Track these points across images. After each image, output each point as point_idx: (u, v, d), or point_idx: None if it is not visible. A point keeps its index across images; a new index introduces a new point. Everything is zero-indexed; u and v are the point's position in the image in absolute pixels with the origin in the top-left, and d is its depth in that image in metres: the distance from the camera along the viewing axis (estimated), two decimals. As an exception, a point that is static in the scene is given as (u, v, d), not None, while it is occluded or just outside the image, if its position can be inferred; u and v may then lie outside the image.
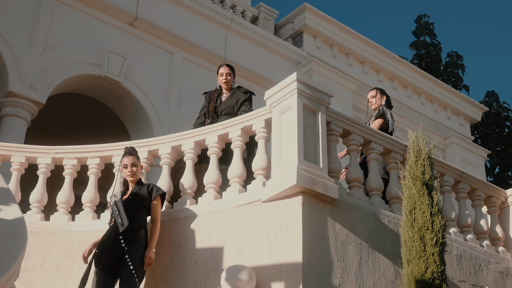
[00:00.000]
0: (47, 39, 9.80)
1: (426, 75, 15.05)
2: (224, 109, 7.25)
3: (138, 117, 10.60)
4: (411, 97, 14.80)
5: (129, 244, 5.66)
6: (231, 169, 6.22)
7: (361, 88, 13.39)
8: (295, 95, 5.83)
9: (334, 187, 5.65)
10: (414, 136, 5.71)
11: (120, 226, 5.74)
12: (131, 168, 6.02)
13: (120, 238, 5.68)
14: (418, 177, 5.45)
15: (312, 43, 13.33)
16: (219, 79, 7.46)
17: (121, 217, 5.79)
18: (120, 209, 5.83)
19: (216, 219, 5.99)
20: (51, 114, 11.19)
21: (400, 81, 14.59)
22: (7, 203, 4.73)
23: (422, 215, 5.27)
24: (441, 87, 15.31)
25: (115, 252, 5.64)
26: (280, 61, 12.61)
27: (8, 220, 4.53)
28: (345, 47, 13.62)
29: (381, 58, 14.16)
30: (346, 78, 13.04)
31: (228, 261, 5.72)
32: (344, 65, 13.64)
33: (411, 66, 14.79)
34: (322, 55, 13.28)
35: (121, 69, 10.30)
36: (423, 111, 14.92)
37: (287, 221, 5.51)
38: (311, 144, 5.78)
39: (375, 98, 8.08)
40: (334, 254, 5.51)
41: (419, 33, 22.82)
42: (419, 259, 5.12)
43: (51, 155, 6.97)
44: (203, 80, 11.31)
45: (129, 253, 5.62)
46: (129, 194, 5.98)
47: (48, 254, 6.52)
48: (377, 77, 14.25)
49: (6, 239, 4.25)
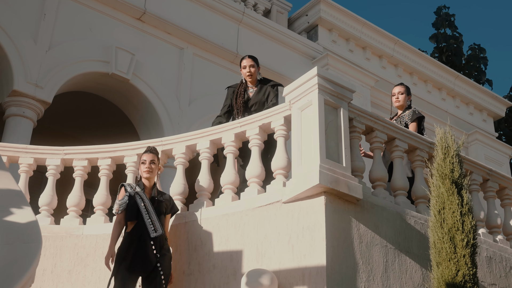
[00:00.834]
0: (53, 36, 9.84)
1: (447, 69, 14.99)
2: (253, 104, 7.11)
3: (147, 116, 10.61)
4: (431, 92, 14.75)
5: (160, 252, 5.73)
6: (249, 169, 6.21)
7: (379, 84, 13.37)
8: (315, 90, 5.82)
9: (358, 187, 5.63)
10: (441, 133, 5.68)
11: (152, 232, 5.75)
12: (150, 165, 6.03)
13: (152, 244, 5.71)
14: (446, 175, 5.42)
15: (328, 36, 13.31)
16: (242, 72, 7.27)
17: (152, 221, 5.79)
18: (150, 211, 5.83)
19: (235, 221, 5.98)
20: (58, 114, 11.23)
21: (420, 75, 14.54)
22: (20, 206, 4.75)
23: (452, 215, 5.24)
24: (463, 81, 15.24)
25: (152, 259, 5.68)
26: (294, 56, 12.60)
27: (22, 224, 4.54)
28: (362, 40, 13.59)
29: (399, 51, 14.12)
30: (363, 73, 13.02)
31: (248, 265, 5.71)
32: (361, 59, 13.61)
33: (431, 59, 14.74)
34: (338, 49, 13.26)
35: (129, 66, 10.33)
36: (444, 107, 14.86)
37: (310, 223, 5.49)
38: (333, 142, 5.76)
39: (403, 95, 7.79)
40: (359, 257, 5.49)
41: (439, 25, 22.73)
42: (450, 261, 5.10)
43: (61, 156, 6.99)
44: (214, 76, 11.32)
45: (160, 261, 5.70)
46: (152, 196, 5.97)
47: (59, 259, 6.54)
48: (395, 71, 14.21)
49: (20, 244, 4.26)
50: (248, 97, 7.20)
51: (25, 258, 4.10)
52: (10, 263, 4.03)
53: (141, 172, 6.07)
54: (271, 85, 7.22)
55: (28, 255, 4.15)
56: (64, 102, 10.87)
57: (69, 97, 10.85)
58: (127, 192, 5.99)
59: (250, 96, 7.20)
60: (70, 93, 10.57)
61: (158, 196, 6.02)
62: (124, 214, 5.94)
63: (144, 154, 6.12)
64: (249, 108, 7.13)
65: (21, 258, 4.10)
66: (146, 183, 6.08)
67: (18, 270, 3.94)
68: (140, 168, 6.08)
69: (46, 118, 10.17)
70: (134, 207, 5.90)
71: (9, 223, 4.52)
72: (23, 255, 4.14)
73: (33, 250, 4.21)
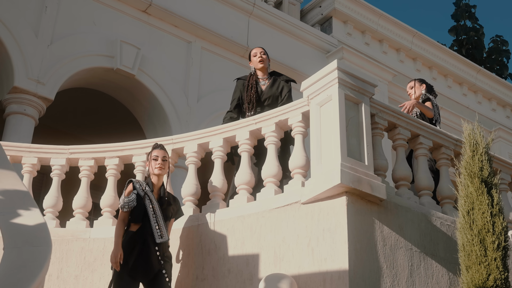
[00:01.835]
0: (55, 29, 9.85)
1: (468, 62, 14.95)
2: (267, 98, 7.06)
3: (154, 113, 10.61)
4: (452, 87, 14.72)
5: (164, 258, 5.74)
6: (266, 168, 6.19)
7: (397, 78, 13.34)
8: (335, 85, 5.80)
9: (381, 187, 5.61)
10: (469, 129, 5.64)
11: (158, 237, 5.73)
12: (162, 161, 6.00)
13: (156, 250, 5.70)
14: (475, 174, 5.39)
15: (342, 29, 13.29)
16: (253, 60, 7.23)
17: (159, 225, 5.77)
18: (158, 215, 5.80)
19: (250, 223, 5.97)
20: (60, 112, 11.25)
21: (440, 69, 14.51)
22: (27, 208, 4.74)
23: (482, 216, 5.21)
24: (485, 75, 15.20)
25: (156, 265, 5.67)
26: (308, 49, 12.58)
27: (30, 226, 4.54)
28: (379, 33, 13.56)
29: (418, 44, 14.09)
30: (380, 67, 12.99)
31: (265, 270, 5.70)
32: (378, 53, 13.59)
33: (452, 53, 14.70)
34: (353, 42, 13.24)
35: (135, 61, 10.33)
36: (465, 102, 14.82)
37: (331, 225, 5.47)
38: (354, 139, 5.74)
39: (413, 89, 8.05)
40: (382, 260, 5.47)
41: (459, 16, 22.67)
42: (480, 264, 5.07)
43: (66, 156, 7.00)
44: (223, 71, 11.31)
45: (165, 267, 5.71)
46: (160, 197, 5.95)
47: (65, 264, 6.54)
48: (414, 65, 14.18)
49: (28, 247, 4.26)
50: (261, 90, 7.14)
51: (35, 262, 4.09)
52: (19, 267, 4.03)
53: (152, 169, 5.99)
54: (284, 80, 7.18)
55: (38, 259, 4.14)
56: (67, 99, 10.89)
57: (71, 94, 10.86)
58: (135, 189, 5.89)
59: (263, 89, 7.13)
60: (73, 89, 10.58)
61: (168, 198, 5.99)
62: (128, 213, 5.84)
63: (155, 150, 6.05)
64: (262, 103, 7.09)
65: (31, 262, 4.10)
66: (155, 181, 6.00)
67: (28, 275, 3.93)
68: (151, 164, 6.01)
69: (48, 116, 10.19)
70: (141, 208, 5.82)
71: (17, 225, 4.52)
72: (32, 259, 4.14)
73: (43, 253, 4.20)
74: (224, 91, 10.90)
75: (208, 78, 11.12)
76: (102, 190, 6.96)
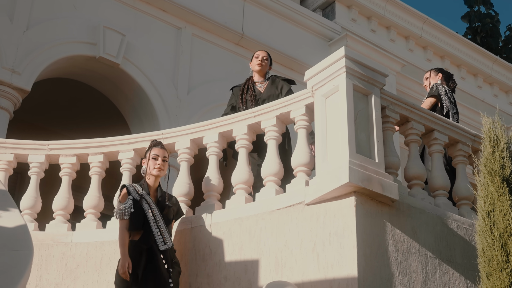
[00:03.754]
0: (31, 14, 9.79)
1: (483, 52, 14.99)
2: (266, 98, 7.20)
3: (140, 106, 10.59)
4: (465, 78, 14.75)
5: (172, 265, 5.73)
6: (266, 165, 6.19)
7: (406, 69, 13.35)
8: (343, 74, 5.80)
9: (393, 186, 5.61)
10: (489, 122, 5.64)
11: (162, 244, 5.72)
12: (162, 162, 5.99)
13: (162, 258, 5.69)
14: (496, 172, 5.38)
15: (346, 14, 13.29)
16: (253, 61, 7.49)
17: (161, 231, 5.76)
18: (159, 220, 5.79)
19: (249, 226, 5.97)
20: (37, 104, 11.20)
21: (452, 59, 14.53)
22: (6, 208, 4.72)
23: (503, 218, 5.21)
24: (502, 66, 15.24)
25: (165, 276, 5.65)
26: (308, 36, 12.57)
27: (9, 228, 4.51)
28: (386, 19, 13.57)
29: (429, 32, 14.10)
30: (388, 57, 12.99)
31: (265, 277, 5.70)
32: (385, 40, 13.60)
33: (466, 41, 14.73)
34: (358, 29, 13.24)
35: (119, 49, 10.29)
36: (480, 95, 14.86)
37: (338, 228, 5.48)
38: (363, 134, 5.75)
39: (428, 80, 8.09)
40: (395, 266, 5.47)
41: (473, 2, 22.71)
42: (501, 271, 5.07)
43: (45, 152, 6.98)
44: (216, 60, 11.30)
45: (172, 277, 5.68)
46: (158, 200, 5.93)
47: (45, 271, 6.52)
48: (424, 55, 14.21)
49: (8, 251, 4.23)
50: (258, 91, 7.32)
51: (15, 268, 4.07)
52: (-2, 273, 4.01)
53: (150, 169, 6.00)
54: (283, 79, 7.39)
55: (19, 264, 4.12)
56: (45, 90, 10.84)
57: (50, 85, 10.82)
58: (130, 195, 5.88)
59: (261, 91, 7.33)
60: (51, 80, 10.54)
61: (168, 201, 5.98)
62: (127, 222, 5.81)
63: (155, 148, 6.06)
64: (260, 104, 7.18)
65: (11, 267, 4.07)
66: (151, 183, 6.02)
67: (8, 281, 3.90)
68: (149, 164, 6.01)
69: (24, 109, 10.13)
70: (140, 214, 5.81)
71: (-5, 227, 4.50)
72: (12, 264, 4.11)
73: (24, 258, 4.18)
74: (217, 81, 10.89)
75: (200, 68, 11.09)
76: (84, 192, 6.94)
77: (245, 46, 11.58)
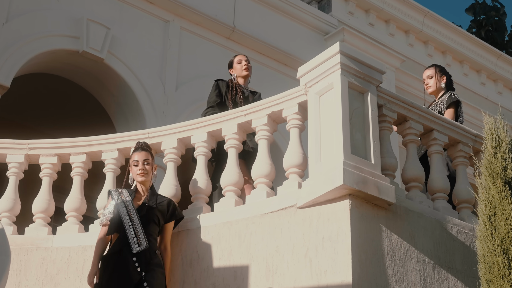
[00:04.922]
0: (11, 5, 9.78)
1: (487, 47, 15.02)
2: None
3: (125, 103, 10.59)
4: (468, 75, 14.78)
5: (145, 269, 5.70)
6: (256, 167, 6.21)
7: (405, 64, 13.37)
8: (338, 71, 5.81)
9: (390, 189, 5.63)
10: (491, 122, 5.65)
11: (135, 245, 5.74)
12: (143, 166, 6.03)
13: (134, 261, 5.69)
14: (498, 174, 5.40)
15: (343, 7, 13.30)
16: (236, 67, 7.59)
17: (136, 233, 5.79)
18: (135, 221, 5.82)
19: (239, 230, 5.98)
20: (16, 101, 11.19)
21: (455, 55, 14.56)
22: (-19, 211, 4.71)
23: (505, 223, 5.22)
24: (507, 62, 15.28)
25: (132, 278, 5.65)
26: (303, 30, 12.58)
27: (-15, 233, 4.51)
28: (385, 12, 13.59)
29: (430, 26, 14.13)
30: (386, 52, 13.02)
31: (256, 284, 5.71)
32: (384, 35, 13.62)
33: (469, 35, 14.76)
34: (355, 23, 13.26)
35: (103, 43, 10.28)
36: (484, 92, 14.89)
37: (332, 232, 5.49)
38: (359, 134, 5.76)
39: (432, 79, 7.85)
40: (391, 273, 5.49)
41: (477, -6, 22.81)
42: (503, 278, 5.08)
43: (25, 151, 6.97)
44: (206, 55, 11.31)
45: (148, 279, 5.66)
46: (143, 202, 5.96)
47: (24, 276, 6.52)
48: (425, 50, 14.23)
49: (-17, 257, 4.23)
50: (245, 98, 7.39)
51: (-9, 275, 4.06)
52: (-28, 280, 4.00)
53: (134, 176, 6.08)
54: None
55: (-5, 271, 4.12)
56: (25, 86, 10.84)
57: (30, 81, 10.82)
58: (113, 199, 5.98)
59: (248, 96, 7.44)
60: (31, 75, 10.54)
61: (149, 202, 5.99)
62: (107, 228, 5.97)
63: (134, 153, 6.12)
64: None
65: (-14, 274, 4.07)
66: (139, 188, 6.11)
67: (-17, 289, 3.90)
68: (132, 170, 6.09)
69: (2, 105, 10.12)
70: (117, 217, 5.92)
71: (-31, 231, 4.48)
72: (-12, 270, 4.11)
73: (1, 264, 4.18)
74: (207, 77, 10.86)
75: (189, 63, 11.09)
76: (66, 193, 6.94)
77: (237, 40, 11.59)
